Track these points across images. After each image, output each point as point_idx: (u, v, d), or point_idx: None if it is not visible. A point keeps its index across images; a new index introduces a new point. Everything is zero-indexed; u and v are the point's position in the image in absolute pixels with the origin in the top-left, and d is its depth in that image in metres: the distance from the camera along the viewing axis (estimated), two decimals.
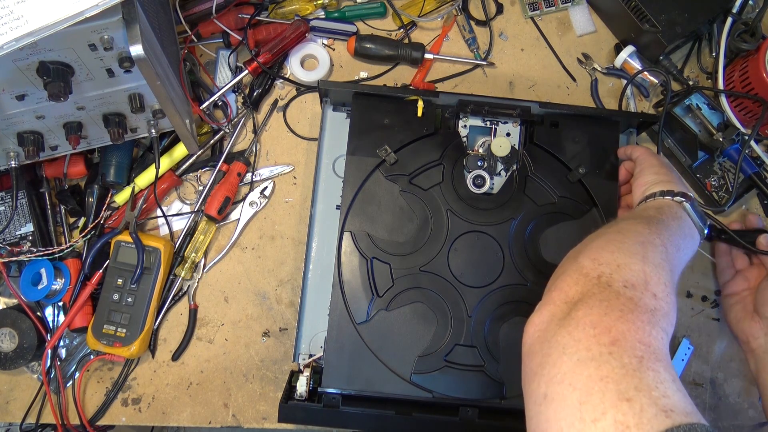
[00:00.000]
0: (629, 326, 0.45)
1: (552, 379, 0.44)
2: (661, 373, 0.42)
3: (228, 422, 0.81)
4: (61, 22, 0.54)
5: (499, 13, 0.94)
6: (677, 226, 0.60)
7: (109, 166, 0.82)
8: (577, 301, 0.48)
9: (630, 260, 0.51)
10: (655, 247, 0.54)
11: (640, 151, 0.75)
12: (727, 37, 0.87)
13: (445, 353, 0.74)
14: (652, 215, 0.60)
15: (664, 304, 0.49)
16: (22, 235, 0.80)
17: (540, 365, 0.46)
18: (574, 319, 0.47)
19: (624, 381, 0.41)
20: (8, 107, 0.66)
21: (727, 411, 0.84)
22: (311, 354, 0.79)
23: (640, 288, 0.49)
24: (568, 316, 0.47)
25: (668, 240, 0.56)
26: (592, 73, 0.93)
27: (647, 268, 0.51)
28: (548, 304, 0.51)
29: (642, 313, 0.47)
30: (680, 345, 0.84)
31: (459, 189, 0.79)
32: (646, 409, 0.39)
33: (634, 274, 0.50)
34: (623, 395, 0.40)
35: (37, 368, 0.82)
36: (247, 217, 0.86)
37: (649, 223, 0.57)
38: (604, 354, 0.43)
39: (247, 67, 0.86)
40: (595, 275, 0.50)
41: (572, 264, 0.53)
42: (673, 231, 0.59)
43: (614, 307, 0.47)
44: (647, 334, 0.45)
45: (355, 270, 0.76)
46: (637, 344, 0.44)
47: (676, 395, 0.41)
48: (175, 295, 0.83)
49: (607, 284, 0.49)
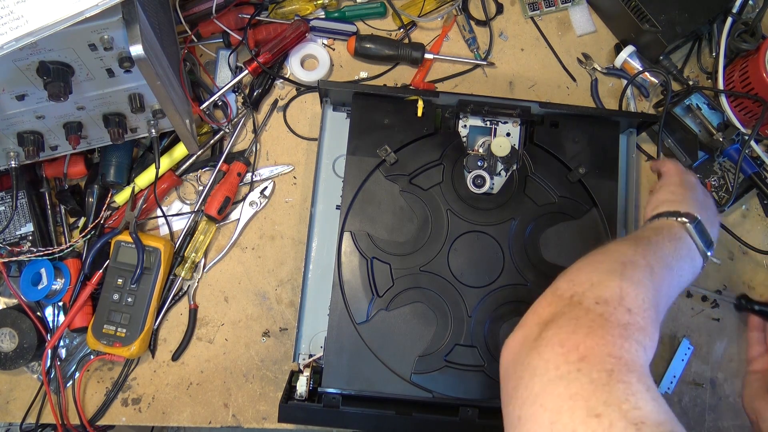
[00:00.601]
0: (597, 341, 0.45)
1: (525, 401, 0.44)
2: (633, 385, 0.42)
3: (228, 422, 0.81)
4: (61, 22, 0.54)
5: (499, 13, 0.94)
6: (673, 247, 0.59)
7: (109, 166, 0.82)
8: (548, 322, 0.48)
9: (605, 278, 0.51)
10: (637, 266, 0.53)
11: (667, 167, 0.73)
12: (727, 37, 0.87)
13: (445, 353, 0.74)
14: (645, 236, 0.60)
15: (640, 319, 0.48)
16: (22, 235, 0.80)
17: (514, 388, 0.46)
18: (543, 340, 0.47)
19: (593, 397, 0.41)
20: (8, 107, 0.66)
21: (727, 411, 0.84)
22: (311, 354, 0.79)
23: (613, 303, 0.48)
24: (538, 338, 0.47)
25: (657, 260, 0.55)
26: (592, 73, 0.93)
27: (624, 284, 0.50)
28: (522, 327, 0.51)
29: (612, 327, 0.46)
30: (680, 345, 0.84)
31: (459, 189, 0.79)
32: (615, 424, 0.39)
33: (608, 291, 0.50)
34: (592, 411, 0.40)
35: (37, 368, 0.82)
36: (247, 217, 0.86)
37: (637, 244, 0.57)
38: (573, 372, 0.43)
39: (247, 67, 0.86)
40: (567, 295, 0.50)
41: (550, 287, 0.53)
42: (666, 252, 0.58)
43: (582, 324, 0.47)
44: (618, 347, 0.45)
45: (355, 270, 0.76)
46: (607, 358, 0.44)
47: (648, 405, 0.40)
48: (175, 295, 0.83)
49: (578, 303, 0.49)
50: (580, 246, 0.78)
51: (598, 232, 0.78)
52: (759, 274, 0.89)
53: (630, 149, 0.86)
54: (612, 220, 0.79)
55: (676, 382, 0.83)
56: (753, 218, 0.90)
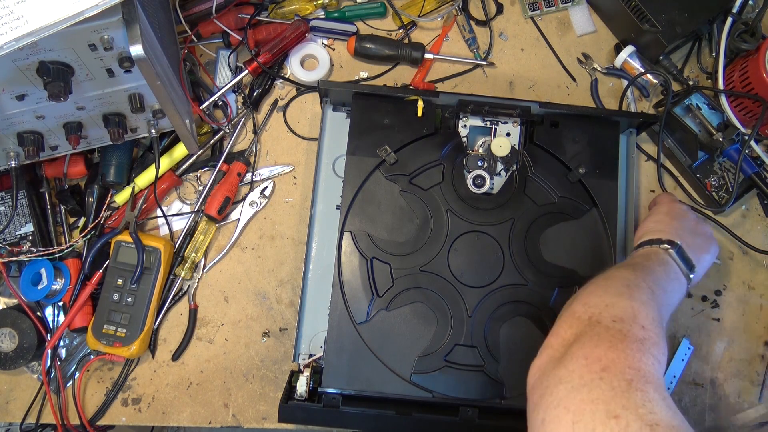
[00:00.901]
0: (619, 354, 0.49)
1: (549, 405, 0.48)
2: (650, 393, 0.45)
3: (228, 422, 0.81)
4: (61, 22, 0.54)
5: (499, 13, 0.94)
6: (663, 270, 0.65)
7: (109, 166, 0.82)
8: (572, 342, 0.53)
9: (617, 299, 0.56)
10: (641, 288, 0.58)
11: (659, 198, 0.80)
12: (727, 37, 0.87)
13: (445, 353, 0.74)
14: (638, 262, 0.65)
15: (653, 334, 0.52)
16: (22, 235, 0.80)
17: (540, 396, 0.50)
18: (568, 355, 0.51)
19: (613, 401, 0.45)
20: (8, 107, 0.66)
21: (727, 411, 0.84)
22: (311, 354, 0.79)
23: (629, 321, 0.53)
24: (565, 354, 0.52)
25: (654, 283, 0.60)
26: (592, 73, 0.93)
27: (635, 304, 0.55)
28: (547, 348, 0.55)
29: (631, 342, 0.50)
30: (680, 345, 0.84)
31: (459, 189, 0.79)
32: (631, 424, 0.42)
33: (622, 310, 0.54)
34: (611, 413, 0.44)
35: (37, 368, 0.82)
36: (247, 217, 0.86)
37: (635, 269, 0.62)
38: (596, 380, 0.47)
39: (247, 67, 0.86)
40: (586, 317, 0.55)
41: (566, 311, 0.58)
42: (659, 275, 0.63)
43: (604, 339, 0.51)
44: (637, 360, 0.48)
45: (355, 270, 0.76)
46: (627, 369, 0.47)
47: (663, 411, 0.44)
48: (175, 295, 0.83)
49: (597, 322, 0.53)
50: (580, 246, 0.78)
51: (598, 232, 0.78)
52: (759, 274, 0.89)
53: (630, 149, 0.86)
54: (612, 220, 0.79)
55: (676, 382, 0.83)
56: (753, 218, 0.90)
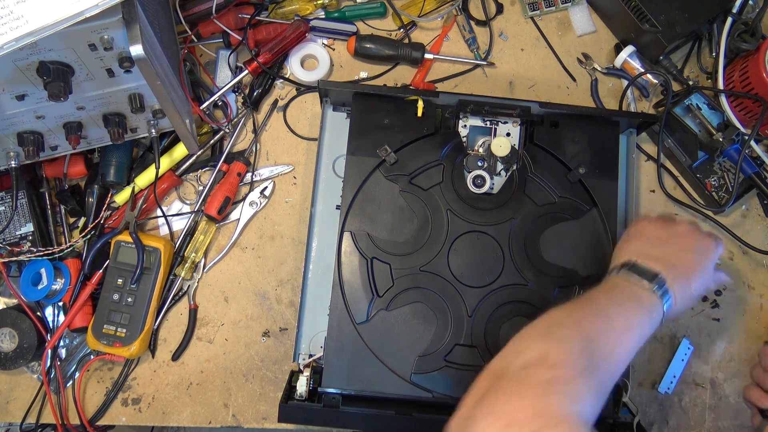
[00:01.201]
0: (520, 404, 0.47)
1: None
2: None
3: (228, 422, 0.81)
4: (61, 22, 0.54)
5: (499, 13, 0.94)
6: (607, 298, 0.61)
7: (109, 166, 0.82)
8: (480, 399, 0.51)
9: (530, 343, 0.54)
10: (562, 325, 0.56)
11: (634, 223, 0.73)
12: (727, 37, 0.87)
13: (445, 353, 0.74)
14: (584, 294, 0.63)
15: (566, 371, 0.50)
16: (22, 235, 0.80)
17: None
18: (474, 417, 0.49)
19: None
20: (8, 107, 0.66)
21: (727, 411, 0.84)
22: (311, 354, 0.79)
23: (535, 365, 0.51)
24: (472, 415, 0.50)
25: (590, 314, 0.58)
26: (592, 73, 0.93)
27: (548, 344, 0.53)
28: (461, 408, 0.53)
29: (534, 387, 0.49)
30: (680, 345, 0.84)
31: (459, 189, 0.79)
32: None
33: (531, 354, 0.52)
34: None
35: (37, 368, 0.82)
36: (247, 217, 0.86)
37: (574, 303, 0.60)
38: None
39: (247, 67, 0.86)
40: (497, 370, 0.53)
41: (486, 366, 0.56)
42: (601, 304, 0.60)
43: (506, 392, 0.49)
44: (543, 404, 0.47)
45: (355, 270, 0.76)
46: (532, 419, 0.46)
47: None
48: (175, 295, 0.83)
49: (503, 374, 0.52)
50: (580, 246, 0.78)
51: (598, 232, 0.78)
52: (759, 274, 0.89)
53: (630, 149, 0.86)
54: (612, 220, 0.79)
55: (676, 382, 0.83)
56: (753, 218, 0.90)
